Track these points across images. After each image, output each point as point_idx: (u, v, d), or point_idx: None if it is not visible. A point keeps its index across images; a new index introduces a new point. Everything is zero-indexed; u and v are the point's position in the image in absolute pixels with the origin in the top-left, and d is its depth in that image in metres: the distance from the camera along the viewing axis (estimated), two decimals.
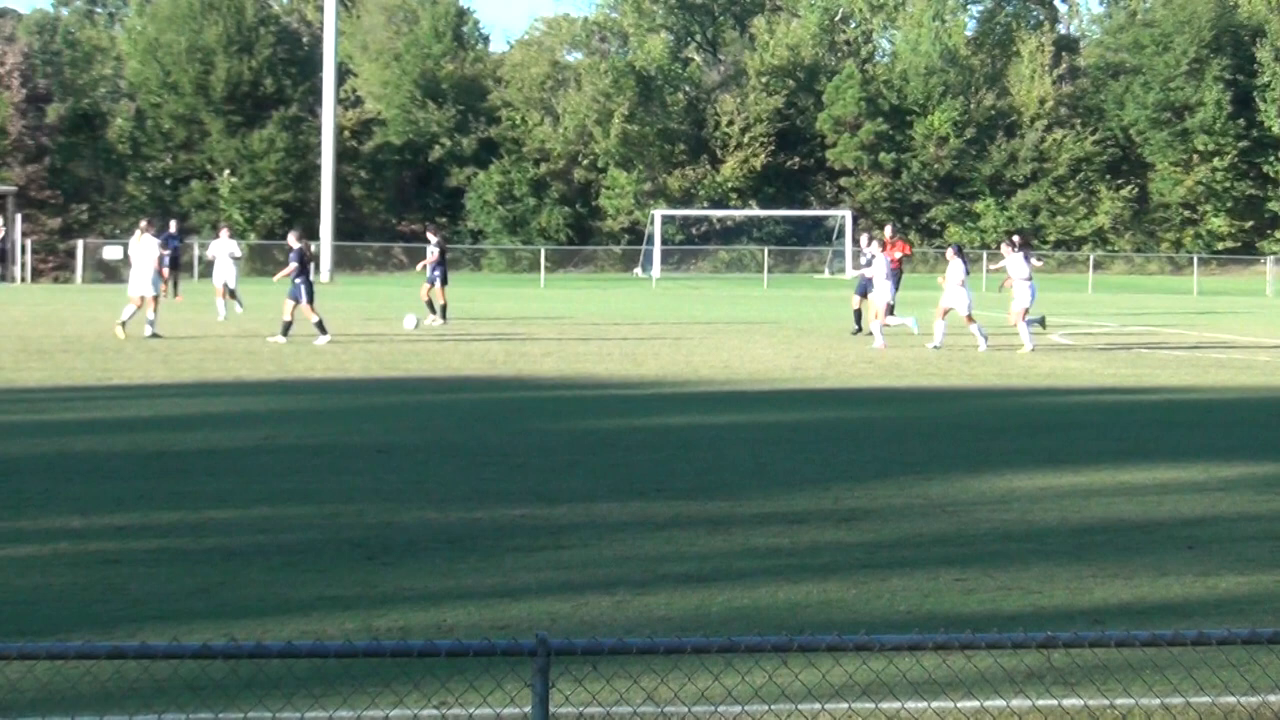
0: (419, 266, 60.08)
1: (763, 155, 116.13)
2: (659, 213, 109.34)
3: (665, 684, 11.60)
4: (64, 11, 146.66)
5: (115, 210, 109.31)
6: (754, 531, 19.82)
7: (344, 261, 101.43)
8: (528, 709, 9.20)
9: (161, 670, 12.19)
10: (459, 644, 9.32)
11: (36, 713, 11.85)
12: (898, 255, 53.00)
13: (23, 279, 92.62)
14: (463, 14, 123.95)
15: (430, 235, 54.78)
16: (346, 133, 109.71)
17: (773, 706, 11.89)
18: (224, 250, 55.10)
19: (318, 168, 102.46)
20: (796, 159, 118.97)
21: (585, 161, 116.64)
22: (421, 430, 29.08)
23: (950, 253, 48.78)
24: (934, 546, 19.05)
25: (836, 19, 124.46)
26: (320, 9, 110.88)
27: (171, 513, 20.47)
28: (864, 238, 59.11)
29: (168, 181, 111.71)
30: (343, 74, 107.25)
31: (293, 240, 49.48)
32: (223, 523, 19.94)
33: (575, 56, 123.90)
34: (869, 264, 51.32)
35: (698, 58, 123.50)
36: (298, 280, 47.11)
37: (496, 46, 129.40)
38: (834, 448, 27.71)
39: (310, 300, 46.94)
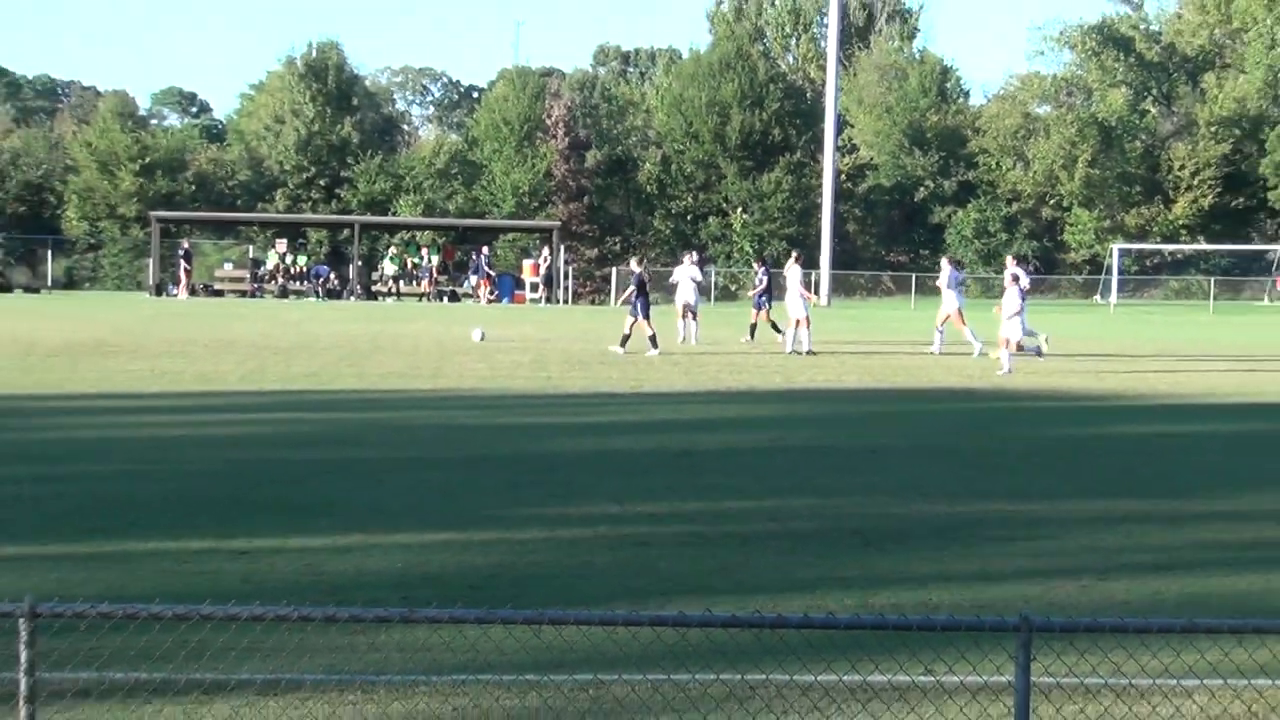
0: (751, 294, 58.22)
1: (1210, 196, 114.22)
2: (1117, 247, 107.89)
3: (1133, 658, 11.55)
4: (601, 70, 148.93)
5: (643, 242, 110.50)
6: (1203, 527, 19.59)
7: (840, 288, 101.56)
8: (1010, 677, 9.29)
9: (694, 636, 12.47)
10: (951, 619, 9.43)
11: (588, 669, 12.15)
12: None
13: (564, 301, 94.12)
14: (946, 71, 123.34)
15: (634, 265, 52.60)
16: (843, 175, 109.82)
17: (1229, 681, 11.78)
18: (686, 275, 54.62)
19: (818, 206, 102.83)
20: (1240, 199, 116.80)
21: (1052, 201, 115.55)
22: (909, 435, 29.07)
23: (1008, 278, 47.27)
24: None
25: None
26: (823, 68, 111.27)
27: (694, 503, 20.75)
28: None
29: (688, 217, 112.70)
30: (841, 125, 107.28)
31: (634, 265, 49.87)
32: (738, 512, 20.18)
33: (1044, 109, 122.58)
34: None
35: (1154, 109, 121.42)
36: (636, 300, 47.66)
37: (975, 100, 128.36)
38: (1271, 455, 27.31)
39: (647, 317, 47.31)
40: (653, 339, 47.04)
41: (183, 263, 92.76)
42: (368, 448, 25.84)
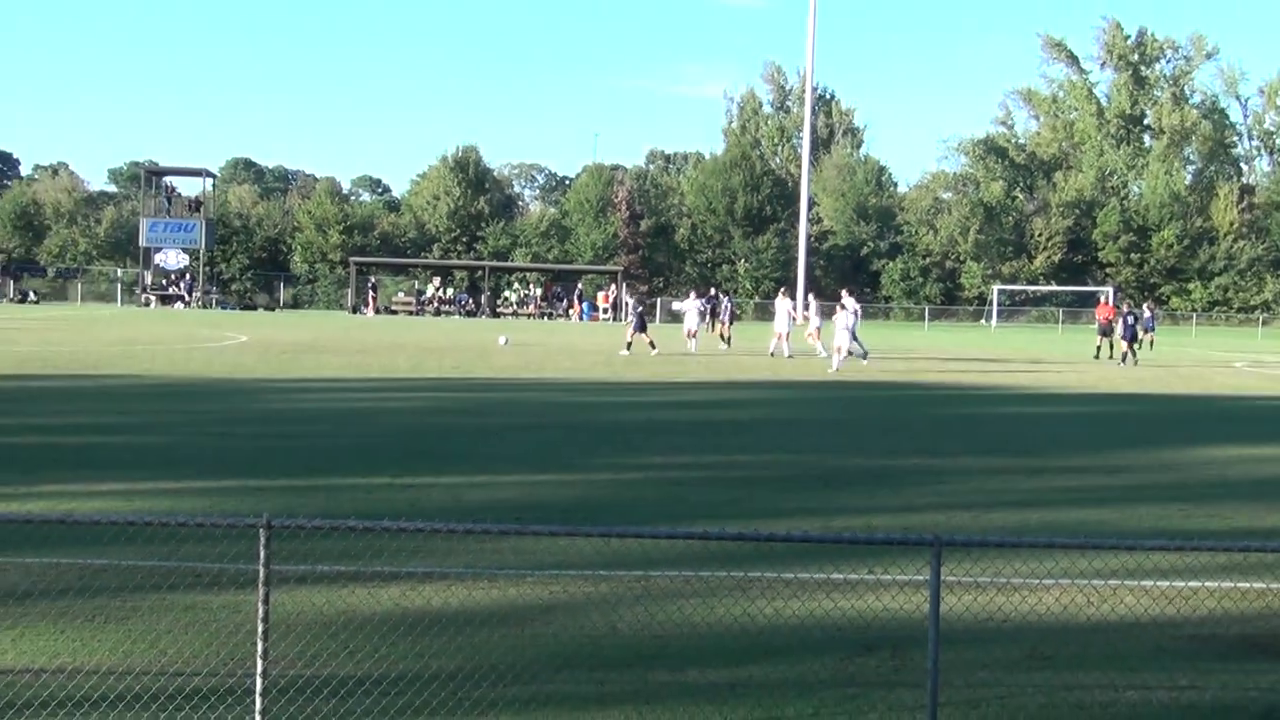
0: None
1: (1059, 254, 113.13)
2: (996, 288, 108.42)
3: (1010, 565, 11.47)
4: (650, 166, 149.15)
5: (676, 282, 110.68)
6: (1055, 477, 19.43)
7: None
8: (926, 577, 9.18)
9: (712, 546, 12.38)
10: (887, 536, 9.29)
11: (640, 567, 12.10)
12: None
13: (627, 320, 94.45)
14: (882, 169, 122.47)
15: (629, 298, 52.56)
16: (812, 238, 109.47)
17: (1075, 581, 11.72)
18: (693, 307, 51.52)
19: (795, 259, 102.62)
20: (1079, 256, 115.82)
21: (953, 256, 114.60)
22: (854, 412, 28.86)
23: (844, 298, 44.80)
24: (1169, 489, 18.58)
25: None
26: (799, 167, 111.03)
27: (712, 456, 20.69)
28: None
29: (709, 265, 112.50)
30: (811, 204, 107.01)
31: (629, 298, 50.49)
32: (742, 463, 20.08)
33: (948, 194, 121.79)
34: None
35: (1021, 195, 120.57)
36: (635, 321, 48.77)
37: (901, 188, 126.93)
38: (1098, 427, 27.11)
39: (643, 331, 47.97)
40: (651, 344, 47.30)
41: (370, 292, 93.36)
42: (491, 416, 25.81)
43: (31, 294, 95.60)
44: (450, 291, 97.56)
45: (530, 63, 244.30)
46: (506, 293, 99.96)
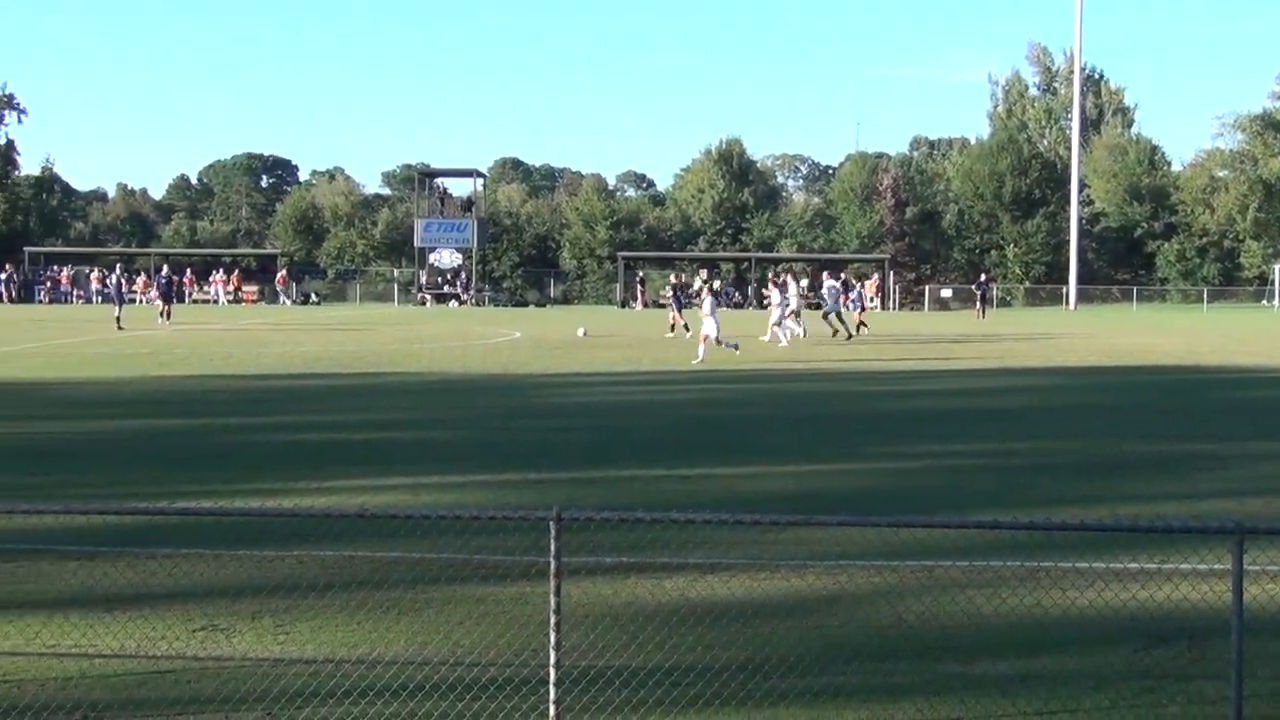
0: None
1: None
2: (1278, 266, 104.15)
3: None
4: (915, 153, 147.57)
5: (944, 268, 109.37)
6: None
7: (1082, 297, 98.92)
8: (1226, 566, 8.87)
9: (991, 535, 12.20)
10: (1185, 524, 8.99)
11: (926, 557, 11.95)
12: None
13: (893, 308, 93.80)
14: (1154, 148, 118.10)
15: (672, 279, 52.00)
16: (1083, 221, 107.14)
17: None
18: (793, 292, 48.18)
19: (1066, 242, 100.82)
20: None
21: (1230, 236, 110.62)
22: (1129, 397, 28.11)
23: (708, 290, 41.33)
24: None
25: None
26: (1068, 149, 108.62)
27: (987, 443, 20.36)
28: None
29: (976, 251, 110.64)
30: (1082, 186, 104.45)
31: (672, 279, 53.26)
32: (1021, 450, 19.72)
33: (1224, 173, 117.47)
34: None
35: None
36: (675, 301, 49.38)
37: (1175, 167, 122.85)
38: None
39: (680, 311, 48.57)
40: (685, 327, 46.84)
41: (638, 286, 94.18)
42: (760, 407, 25.86)
43: (313, 295, 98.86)
44: (718, 284, 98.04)
45: (792, 54, 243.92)
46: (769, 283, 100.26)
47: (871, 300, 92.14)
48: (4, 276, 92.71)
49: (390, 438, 20.88)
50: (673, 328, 48.34)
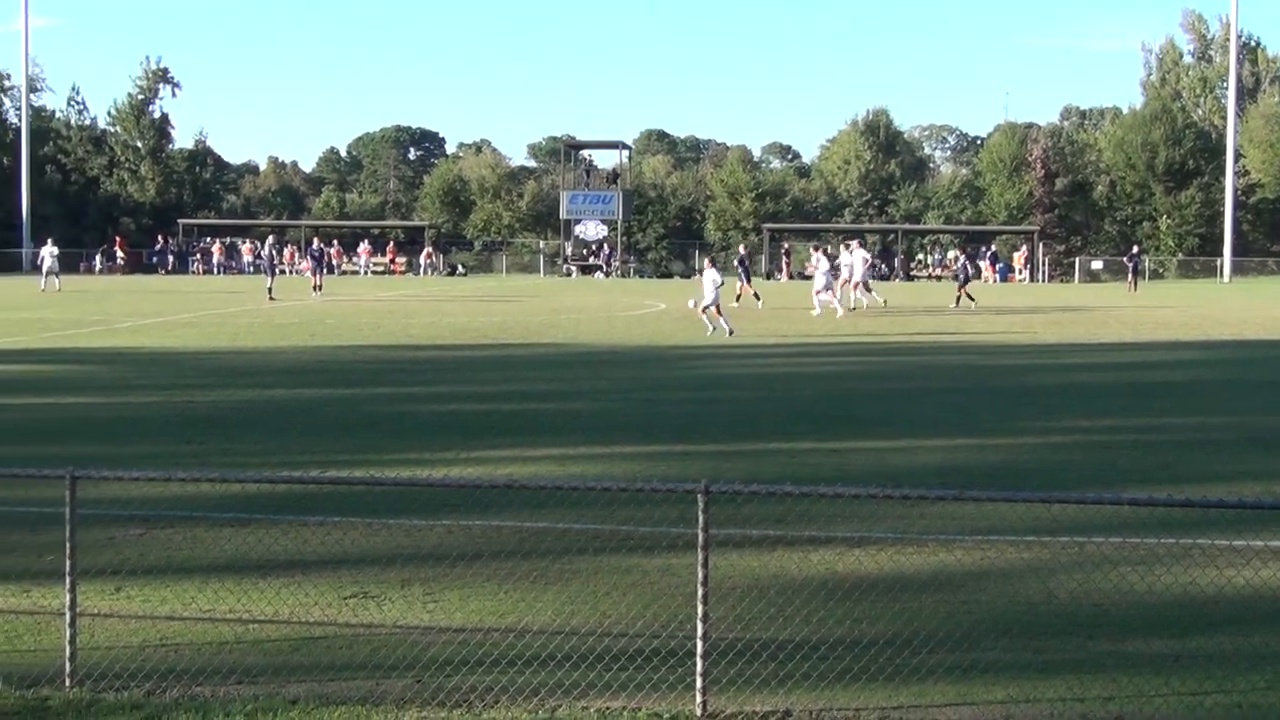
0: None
1: None
2: None
3: None
4: (1064, 123, 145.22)
5: (1095, 240, 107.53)
6: None
7: (1238, 269, 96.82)
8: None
9: (1144, 512, 12.01)
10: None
11: (1076, 534, 11.82)
12: None
13: (1043, 280, 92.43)
14: None
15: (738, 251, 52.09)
16: (1239, 192, 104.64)
17: None
18: (822, 269, 46.74)
19: (1220, 214, 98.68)
20: None
21: None
22: (1269, 372, 27.49)
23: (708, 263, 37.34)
24: None
25: None
26: (1224, 118, 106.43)
27: (1139, 418, 20.10)
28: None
29: (1128, 223, 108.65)
30: (1237, 157, 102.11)
31: (739, 250, 53.97)
32: (1173, 425, 19.46)
33: None
34: None
35: None
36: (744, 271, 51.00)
37: None
38: None
39: (749, 282, 50.25)
40: (756, 295, 48.56)
41: (783, 257, 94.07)
42: (907, 380, 25.66)
43: (460, 267, 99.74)
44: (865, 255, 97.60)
45: (939, 23, 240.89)
46: (920, 256, 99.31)
47: (1020, 272, 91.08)
48: (160, 248, 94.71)
49: (537, 408, 21.02)
50: (738, 297, 48.30)
